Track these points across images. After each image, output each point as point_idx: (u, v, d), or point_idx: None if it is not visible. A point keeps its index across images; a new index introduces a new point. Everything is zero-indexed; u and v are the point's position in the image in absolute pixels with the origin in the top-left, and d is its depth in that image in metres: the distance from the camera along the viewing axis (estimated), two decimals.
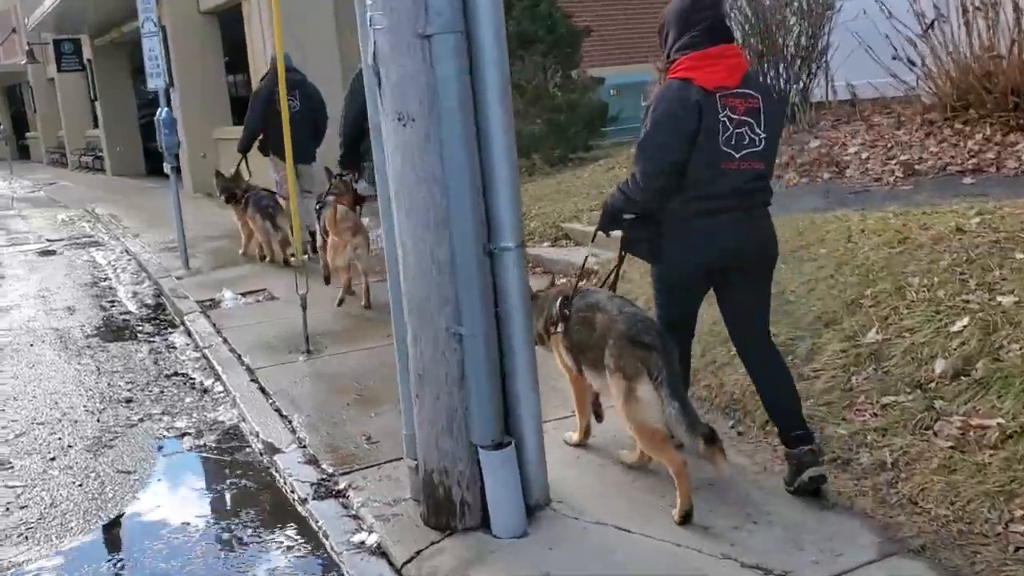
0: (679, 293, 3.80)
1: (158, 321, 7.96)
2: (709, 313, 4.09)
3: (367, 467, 4.25)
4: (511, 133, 3.44)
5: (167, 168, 9.48)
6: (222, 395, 5.72)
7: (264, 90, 9.23)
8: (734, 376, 4.50)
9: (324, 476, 4.26)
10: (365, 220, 8.07)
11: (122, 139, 23.17)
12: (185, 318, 7.56)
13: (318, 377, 5.64)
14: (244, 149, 9.45)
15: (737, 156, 3.50)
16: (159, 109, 9.42)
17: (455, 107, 3.29)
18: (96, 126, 25.11)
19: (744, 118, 3.50)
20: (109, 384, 6.13)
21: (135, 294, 9.11)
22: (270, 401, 5.32)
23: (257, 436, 4.90)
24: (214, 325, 7.13)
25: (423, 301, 3.48)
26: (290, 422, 4.95)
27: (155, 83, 9.39)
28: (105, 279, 10.10)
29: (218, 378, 5.97)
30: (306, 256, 8.27)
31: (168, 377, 6.23)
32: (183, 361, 6.56)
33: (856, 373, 4.18)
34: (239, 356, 6.23)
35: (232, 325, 7.04)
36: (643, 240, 3.76)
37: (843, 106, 8.45)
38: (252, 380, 5.70)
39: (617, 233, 3.92)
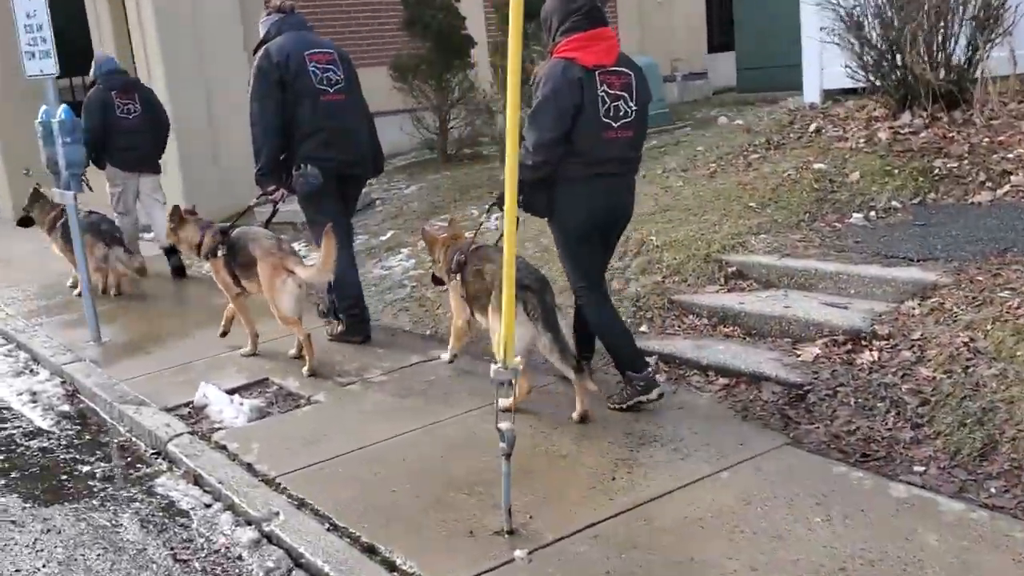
0: (576, 247, 4.29)
1: (109, 451, 4.85)
2: None
3: None
4: None
5: (63, 195, 6.24)
6: None
7: (97, 95, 7.95)
8: None
9: None
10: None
11: None
12: (172, 448, 4.52)
13: None
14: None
15: (615, 126, 4.10)
16: (43, 108, 6.18)
17: None
18: None
19: (619, 92, 4.10)
20: None
21: (33, 394, 5.81)
22: None
23: None
24: (248, 466, 4.17)
25: None
26: None
27: (40, 66, 6.12)
28: None
29: None
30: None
31: None
32: (239, 558, 3.60)
33: None
34: (367, 546, 3.36)
35: (281, 464, 4.11)
36: (539, 200, 4.23)
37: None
38: None
39: None
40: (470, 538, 3.32)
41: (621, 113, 4.08)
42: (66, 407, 5.58)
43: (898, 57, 6.45)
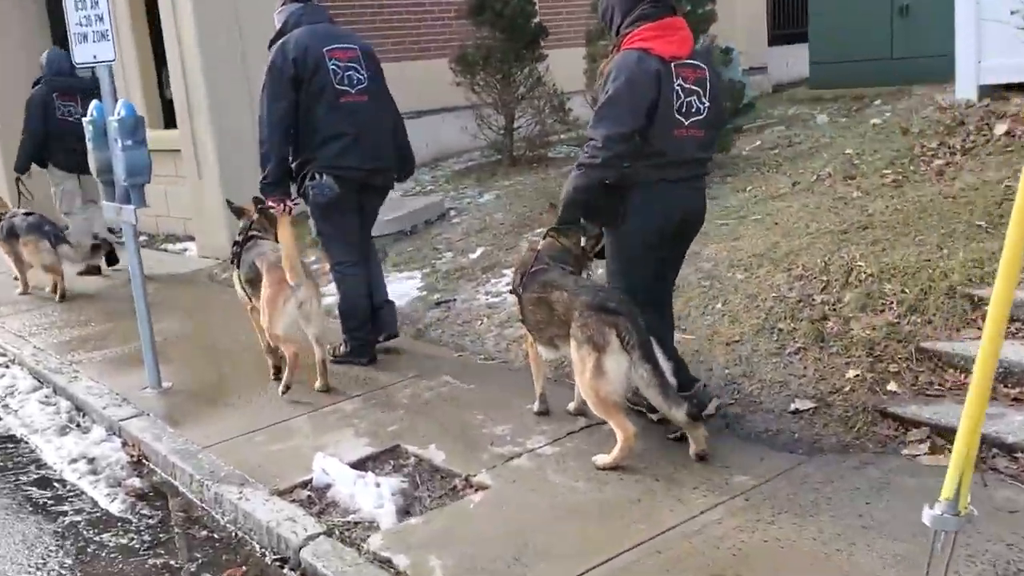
0: (639, 260, 3.89)
1: (212, 553, 3.69)
2: None
3: None
4: None
5: (120, 211, 5.07)
6: None
7: (39, 95, 8.04)
8: None
9: None
10: None
11: None
12: (308, 558, 3.38)
13: None
14: (23, 169, 8.17)
15: (686, 123, 3.71)
16: (95, 104, 5.02)
17: None
18: None
19: (693, 87, 3.71)
20: None
21: (90, 462, 4.62)
22: None
23: None
24: None
25: None
26: None
27: (94, 51, 4.94)
28: None
29: None
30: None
31: None
32: None
33: None
34: None
35: None
36: (604, 207, 3.87)
37: None
38: None
39: None
40: None
41: (693, 110, 3.73)
42: (136, 481, 4.41)
43: None
